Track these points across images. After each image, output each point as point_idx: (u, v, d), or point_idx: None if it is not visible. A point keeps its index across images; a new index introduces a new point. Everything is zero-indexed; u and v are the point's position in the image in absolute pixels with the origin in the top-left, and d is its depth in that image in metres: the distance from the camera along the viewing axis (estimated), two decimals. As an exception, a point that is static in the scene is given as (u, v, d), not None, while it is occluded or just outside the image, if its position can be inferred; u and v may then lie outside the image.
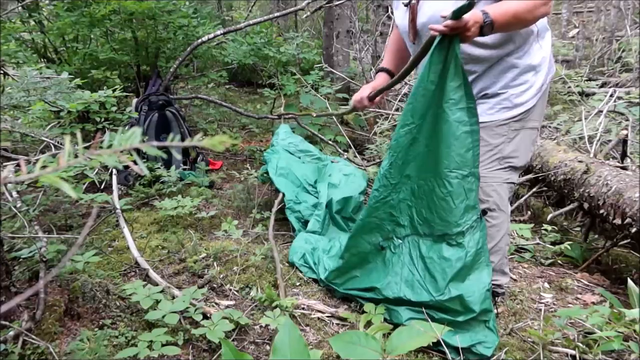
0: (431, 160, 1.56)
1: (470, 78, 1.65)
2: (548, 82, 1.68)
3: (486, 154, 1.68)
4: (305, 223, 2.37)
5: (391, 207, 1.66)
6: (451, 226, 1.56)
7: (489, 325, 1.54)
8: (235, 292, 1.87)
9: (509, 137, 1.66)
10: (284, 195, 2.48)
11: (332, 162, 2.83)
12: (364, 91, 1.90)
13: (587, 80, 4.75)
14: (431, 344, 1.45)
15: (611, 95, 3.49)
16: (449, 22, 1.36)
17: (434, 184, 1.57)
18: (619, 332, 1.44)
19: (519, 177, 1.78)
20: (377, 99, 1.95)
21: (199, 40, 3.59)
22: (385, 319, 1.67)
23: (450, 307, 1.54)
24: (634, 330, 1.45)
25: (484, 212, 1.63)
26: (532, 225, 2.40)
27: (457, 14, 1.32)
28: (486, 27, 1.43)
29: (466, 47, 1.59)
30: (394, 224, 1.68)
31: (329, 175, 2.60)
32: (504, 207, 1.71)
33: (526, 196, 2.74)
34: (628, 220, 1.96)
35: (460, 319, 1.52)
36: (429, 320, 1.53)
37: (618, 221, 2.01)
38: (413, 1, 1.66)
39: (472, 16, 1.40)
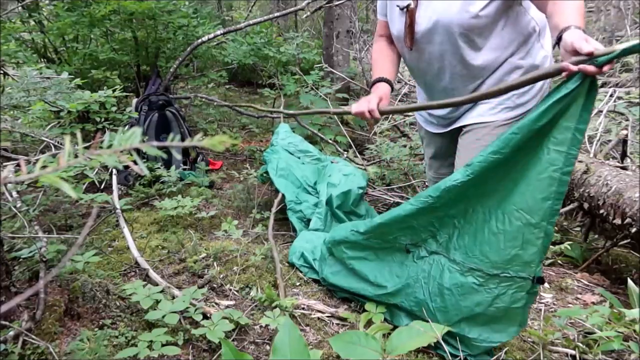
0: (502, 190, 1.39)
1: (476, 84, 1.64)
2: (549, 82, 1.67)
3: None
4: (307, 222, 2.37)
5: (437, 217, 1.52)
6: (488, 265, 1.40)
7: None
8: (235, 292, 1.87)
9: None
10: (284, 196, 2.48)
11: (331, 162, 2.83)
12: (372, 102, 1.61)
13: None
14: (432, 344, 1.45)
15: (611, 95, 3.49)
16: (609, 66, 1.19)
17: (492, 215, 1.40)
18: (619, 332, 1.44)
19: None
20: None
21: (199, 40, 3.59)
22: (385, 319, 1.67)
23: (453, 335, 1.48)
24: (634, 330, 1.45)
25: (542, 281, 1.41)
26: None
27: (624, 54, 1.13)
28: None
29: (471, 57, 1.57)
30: (429, 235, 1.56)
31: (329, 175, 2.60)
32: None
33: (526, 196, 2.73)
34: (628, 220, 1.96)
35: (458, 347, 1.49)
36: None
37: (618, 221, 2.01)
38: (411, 5, 1.59)
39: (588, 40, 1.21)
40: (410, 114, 3.82)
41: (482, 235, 1.42)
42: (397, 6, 1.64)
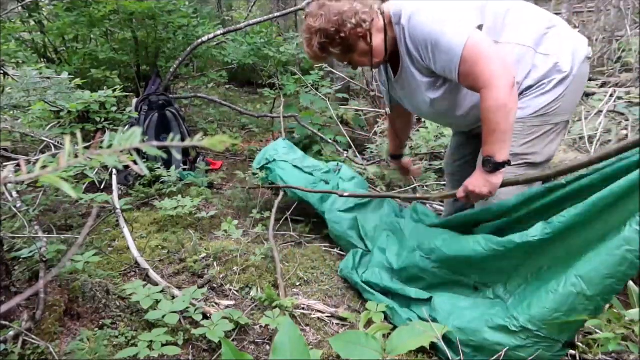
0: (572, 253, 1.35)
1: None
2: (576, 71, 1.61)
3: None
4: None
5: (510, 265, 1.49)
6: (526, 318, 1.36)
7: None
8: (235, 292, 1.87)
9: (523, 133, 1.65)
10: (284, 195, 2.45)
11: (338, 164, 2.76)
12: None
13: (587, 80, 4.74)
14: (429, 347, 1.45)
15: (611, 95, 3.49)
16: None
17: (555, 274, 1.37)
18: (617, 333, 1.43)
19: (543, 171, 1.75)
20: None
21: (199, 40, 3.59)
22: (385, 317, 1.67)
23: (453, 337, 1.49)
24: (633, 331, 1.45)
25: (572, 345, 1.43)
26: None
27: None
28: (487, 164, 1.52)
29: (459, 112, 1.70)
30: (499, 280, 1.54)
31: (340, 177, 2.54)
32: None
33: (526, 196, 2.73)
34: (628, 220, 1.95)
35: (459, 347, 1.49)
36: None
37: (618, 221, 2.00)
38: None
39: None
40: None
41: (538, 288, 1.39)
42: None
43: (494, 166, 1.51)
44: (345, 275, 1.99)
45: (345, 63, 1.76)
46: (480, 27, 1.52)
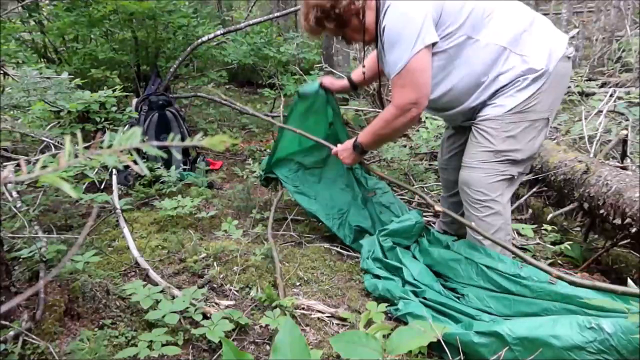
0: None
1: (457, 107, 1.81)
2: (552, 69, 1.64)
3: (478, 148, 1.71)
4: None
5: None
6: None
7: None
8: (235, 292, 1.87)
9: (502, 130, 1.67)
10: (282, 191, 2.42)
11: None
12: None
13: (587, 80, 4.75)
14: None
15: (611, 95, 3.49)
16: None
17: None
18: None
19: (525, 168, 1.81)
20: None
21: (199, 40, 3.59)
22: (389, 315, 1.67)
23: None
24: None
25: None
26: (534, 225, 2.40)
27: None
28: (357, 148, 1.93)
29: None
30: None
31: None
32: (498, 198, 1.72)
33: (526, 196, 2.73)
34: (628, 220, 1.96)
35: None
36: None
37: (618, 221, 2.01)
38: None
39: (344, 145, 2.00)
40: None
41: None
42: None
43: (360, 150, 1.93)
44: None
45: (340, 38, 1.93)
46: (434, 44, 1.64)
